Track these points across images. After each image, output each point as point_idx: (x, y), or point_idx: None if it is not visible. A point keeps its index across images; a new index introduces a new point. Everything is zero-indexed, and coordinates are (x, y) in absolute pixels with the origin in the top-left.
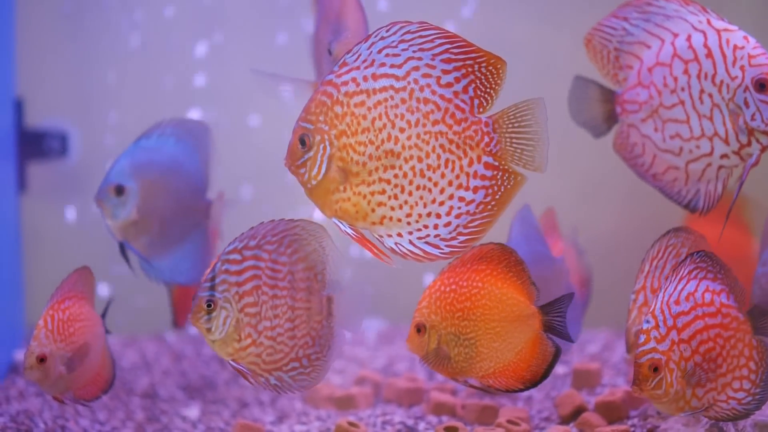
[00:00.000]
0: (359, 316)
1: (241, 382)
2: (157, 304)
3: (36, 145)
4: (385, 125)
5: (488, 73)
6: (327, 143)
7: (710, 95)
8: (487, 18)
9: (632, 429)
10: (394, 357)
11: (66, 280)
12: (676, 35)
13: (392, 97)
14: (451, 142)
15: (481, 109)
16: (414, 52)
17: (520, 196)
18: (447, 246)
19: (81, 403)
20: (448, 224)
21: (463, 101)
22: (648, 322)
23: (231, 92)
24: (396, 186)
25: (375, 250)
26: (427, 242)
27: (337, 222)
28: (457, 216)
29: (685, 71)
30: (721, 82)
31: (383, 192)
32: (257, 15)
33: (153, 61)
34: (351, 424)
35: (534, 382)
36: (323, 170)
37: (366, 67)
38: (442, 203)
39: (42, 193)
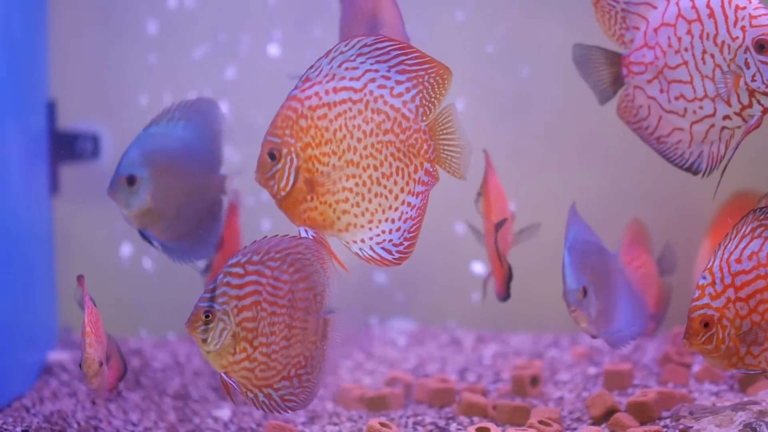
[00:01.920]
0: (352, 341)
1: None
2: (189, 305)
3: (68, 147)
4: (345, 136)
5: (435, 83)
6: (294, 155)
7: (712, 56)
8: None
9: (664, 430)
10: (425, 358)
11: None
12: None
13: (350, 109)
14: (399, 150)
15: (424, 118)
16: (371, 64)
17: (551, 193)
18: (396, 251)
19: (111, 396)
20: (398, 229)
21: (409, 110)
22: (704, 278)
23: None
24: (357, 194)
25: (339, 259)
26: (383, 247)
27: (303, 231)
28: (405, 221)
29: (689, 31)
30: (723, 42)
31: (347, 200)
32: (293, 7)
33: (182, 63)
34: (382, 424)
35: None
36: (291, 182)
37: (327, 81)
38: (396, 209)
39: (74, 195)
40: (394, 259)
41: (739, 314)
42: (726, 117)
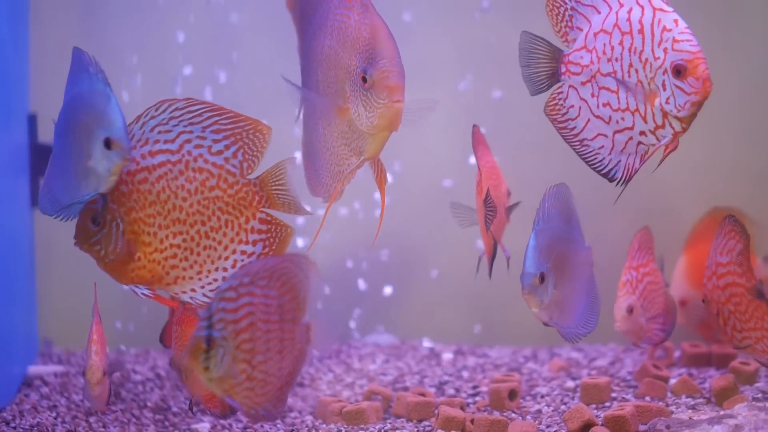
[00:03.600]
0: (332, 341)
1: None
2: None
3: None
4: (169, 196)
5: (255, 138)
6: (119, 220)
7: (636, 71)
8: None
9: None
10: (404, 371)
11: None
12: (621, 5)
13: (171, 170)
14: (227, 204)
15: (249, 171)
16: (185, 126)
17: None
18: None
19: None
20: None
21: (233, 166)
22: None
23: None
24: (186, 249)
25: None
26: None
27: (134, 288)
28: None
29: (621, 42)
30: (646, 60)
31: (175, 256)
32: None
33: (161, 79)
34: None
35: None
36: (120, 245)
37: (142, 146)
38: (227, 258)
39: None
40: None
41: (720, 301)
42: (642, 133)
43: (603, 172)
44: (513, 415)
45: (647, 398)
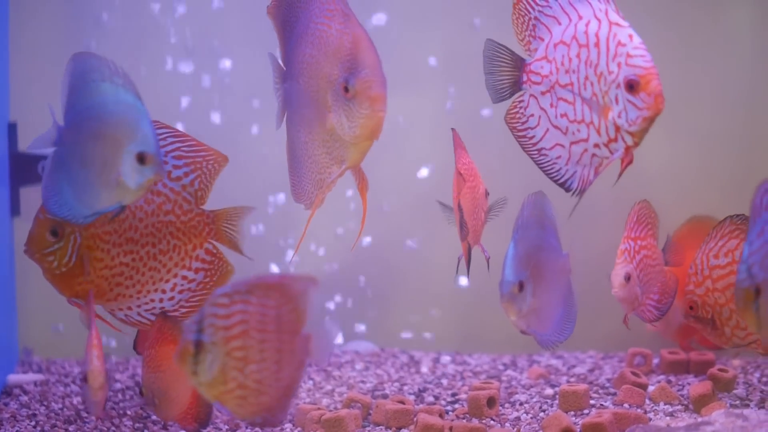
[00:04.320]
0: (328, 352)
1: None
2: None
3: (28, 169)
4: (127, 216)
5: (212, 168)
6: (77, 234)
7: (592, 84)
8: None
9: None
10: (384, 378)
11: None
12: (580, 18)
13: None
14: (178, 230)
15: (202, 201)
16: None
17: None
18: None
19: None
20: (171, 298)
21: (189, 194)
22: (691, 267)
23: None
24: (133, 268)
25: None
26: (152, 313)
27: (76, 300)
28: (180, 292)
29: (578, 55)
30: (601, 73)
31: (122, 274)
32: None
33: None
34: None
35: None
36: (74, 258)
37: None
38: (167, 281)
39: None
40: None
41: (717, 302)
42: (596, 145)
43: (560, 182)
44: (492, 422)
45: (626, 405)
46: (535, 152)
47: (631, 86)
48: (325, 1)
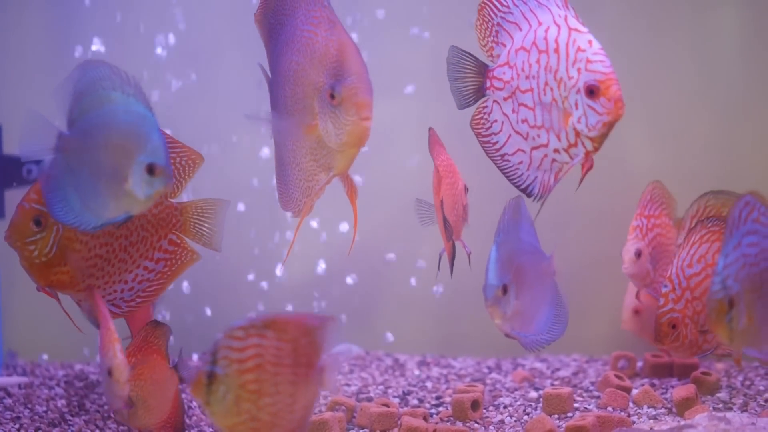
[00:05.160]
0: (337, 377)
1: None
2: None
3: (14, 171)
4: None
5: (186, 165)
6: (60, 225)
7: (551, 89)
8: None
9: None
10: (368, 381)
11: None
12: (540, 24)
13: None
14: (149, 222)
15: (173, 195)
16: None
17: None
18: (126, 305)
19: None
20: (131, 288)
21: None
22: (666, 286)
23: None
24: (105, 260)
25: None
26: (113, 303)
27: (50, 290)
28: (140, 282)
29: (538, 61)
30: (561, 79)
31: (95, 266)
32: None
33: None
34: None
35: None
36: (54, 250)
37: None
38: (131, 272)
39: None
40: (121, 311)
41: (696, 311)
42: (556, 150)
43: (521, 187)
44: (476, 425)
45: (609, 408)
46: (498, 158)
47: (591, 91)
48: (311, 8)
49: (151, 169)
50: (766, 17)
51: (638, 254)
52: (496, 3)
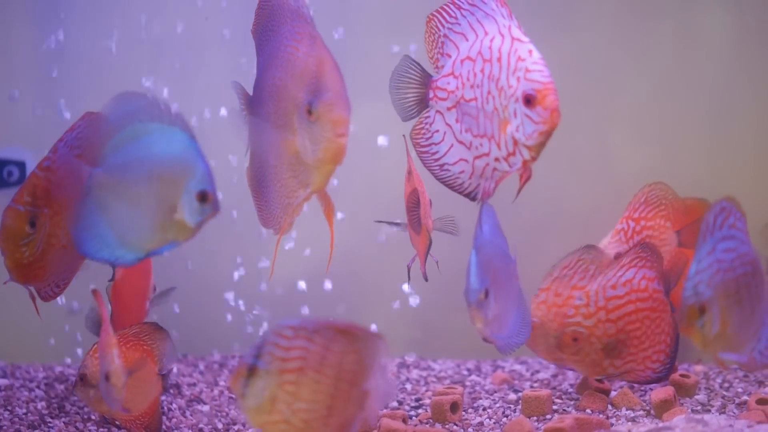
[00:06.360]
0: (380, 408)
1: (195, 407)
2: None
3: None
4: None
5: None
6: (46, 225)
7: (493, 98)
8: None
9: None
10: None
11: None
12: (486, 33)
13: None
14: None
15: None
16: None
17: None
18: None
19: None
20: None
21: None
22: (581, 299)
23: None
24: (65, 247)
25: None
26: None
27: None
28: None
29: (482, 70)
30: (501, 88)
31: (60, 254)
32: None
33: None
34: None
35: None
36: (40, 248)
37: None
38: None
39: None
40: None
41: (606, 333)
42: (496, 159)
43: (464, 193)
44: (455, 427)
45: (588, 411)
46: (437, 167)
47: (528, 100)
48: (295, 24)
49: (202, 197)
50: (752, 20)
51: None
52: (444, 14)
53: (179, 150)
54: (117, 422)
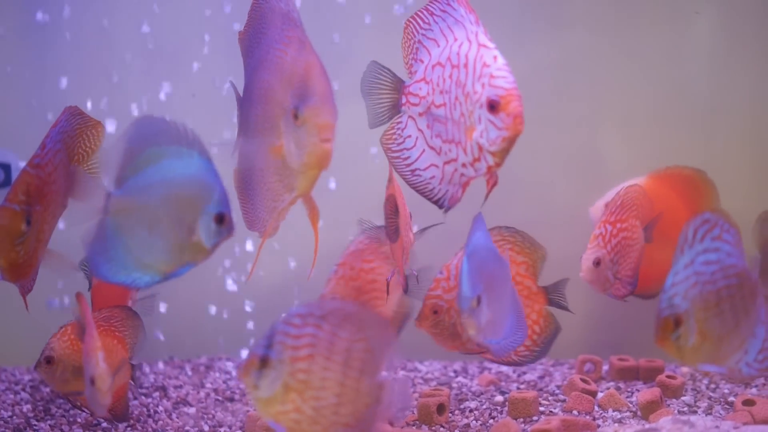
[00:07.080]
0: (405, 411)
1: (181, 409)
2: None
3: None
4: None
5: (90, 135)
6: (39, 219)
7: (461, 104)
8: None
9: None
10: None
11: None
12: (455, 40)
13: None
14: None
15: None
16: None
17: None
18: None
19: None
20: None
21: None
22: (441, 273)
23: None
24: (44, 245)
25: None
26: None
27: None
28: None
29: (450, 75)
30: (467, 94)
31: (41, 248)
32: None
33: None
34: None
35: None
36: (32, 246)
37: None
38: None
39: None
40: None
41: None
42: (464, 165)
43: (433, 200)
44: (441, 429)
45: (574, 412)
46: (408, 173)
47: (492, 106)
48: (284, 28)
49: (219, 219)
50: (740, 21)
51: (597, 263)
52: (419, 20)
53: (197, 173)
54: (80, 404)
